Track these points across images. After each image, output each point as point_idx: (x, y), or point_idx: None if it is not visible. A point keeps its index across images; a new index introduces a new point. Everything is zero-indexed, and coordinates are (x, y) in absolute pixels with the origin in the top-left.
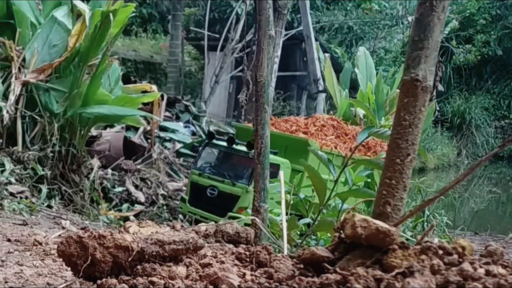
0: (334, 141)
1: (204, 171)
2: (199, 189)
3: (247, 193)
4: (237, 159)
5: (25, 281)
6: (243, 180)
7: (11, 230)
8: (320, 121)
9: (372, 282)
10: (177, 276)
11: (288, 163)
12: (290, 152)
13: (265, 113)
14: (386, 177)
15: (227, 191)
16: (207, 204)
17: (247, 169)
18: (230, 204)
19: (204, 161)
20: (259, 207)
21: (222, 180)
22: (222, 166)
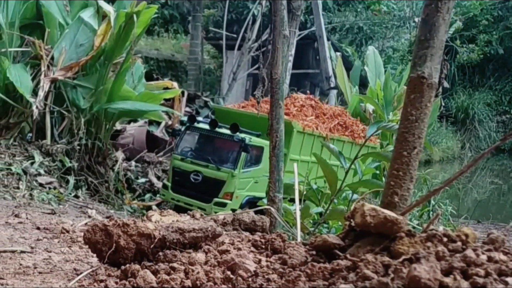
0: (315, 122)
1: (186, 156)
2: (182, 174)
3: (233, 177)
4: (221, 142)
5: (53, 267)
6: (228, 164)
7: (40, 219)
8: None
9: (381, 268)
10: (196, 262)
11: None
12: None
13: (280, 109)
14: (394, 169)
15: (211, 176)
16: (191, 190)
17: (231, 153)
18: (215, 189)
19: (186, 145)
20: (274, 197)
21: (206, 165)
22: (206, 150)
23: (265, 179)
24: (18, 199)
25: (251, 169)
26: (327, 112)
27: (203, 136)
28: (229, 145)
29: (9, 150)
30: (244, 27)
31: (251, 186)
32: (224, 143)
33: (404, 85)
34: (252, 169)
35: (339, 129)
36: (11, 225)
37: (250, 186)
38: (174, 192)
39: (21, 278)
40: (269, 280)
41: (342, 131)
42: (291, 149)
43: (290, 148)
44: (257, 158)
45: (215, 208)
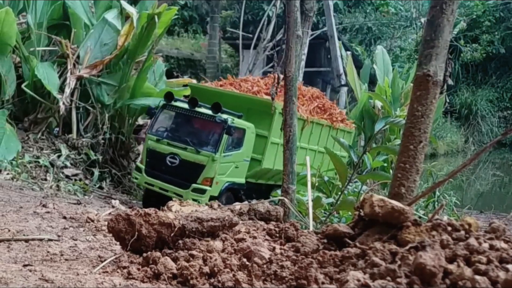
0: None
1: (162, 137)
2: (157, 157)
3: (213, 162)
4: (201, 123)
5: (78, 254)
6: (208, 147)
7: (66, 209)
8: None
9: (388, 255)
10: (214, 250)
11: (253, 127)
12: (253, 115)
13: (293, 105)
14: (401, 162)
15: (190, 160)
16: (166, 174)
17: (212, 135)
18: (194, 174)
19: (163, 125)
20: (287, 188)
21: (184, 147)
22: (184, 131)
23: (245, 163)
24: (45, 190)
25: (232, 153)
26: (306, 94)
27: (181, 115)
28: (210, 126)
29: (37, 144)
30: (260, 27)
31: (232, 172)
32: (205, 124)
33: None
34: (233, 153)
35: (318, 111)
36: (39, 215)
37: (230, 172)
38: (148, 175)
39: (49, 265)
40: (283, 267)
41: (321, 114)
42: (273, 131)
43: (272, 131)
44: (239, 141)
45: (192, 195)
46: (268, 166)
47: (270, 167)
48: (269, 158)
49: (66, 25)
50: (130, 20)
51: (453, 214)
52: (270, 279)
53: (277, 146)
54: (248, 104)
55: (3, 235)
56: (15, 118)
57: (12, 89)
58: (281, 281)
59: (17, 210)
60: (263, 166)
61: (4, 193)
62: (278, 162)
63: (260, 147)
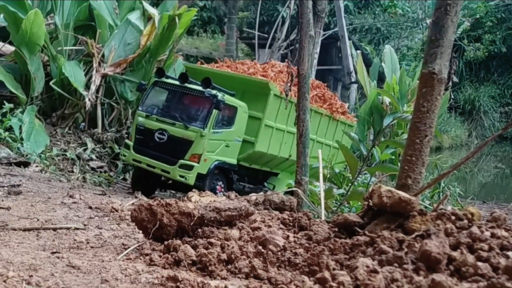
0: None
1: (152, 113)
2: (145, 133)
3: (202, 137)
4: (191, 99)
5: (103, 242)
6: (197, 123)
7: (92, 199)
8: (277, 67)
9: (395, 243)
10: (231, 238)
11: (245, 107)
12: (248, 96)
13: (306, 101)
14: (408, 155)
15: (178, 135)
16: (154, 151)
17: (202, 111)
18: (182, 150)
19: (153, 101)
20: (301, 179)
21: (172, 123)
22: (174, 107)
23: (236, 143)
24: (72, 182)
25: (222, 130)
26: None
27: (172, 92)
28: (199, 101)
29: (65, 138)
30: (274, 28)
31: (222, 150)
32: (194, 100)
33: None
34: (224, 131)
35: (317, 100)
36: (66, 205)
37: (220, 150)
38: (136, 152)
39: (75, 252)
40: (296, 254)
41: (320, 103)
42: (267, 113)
43: (266, 113)
44: (230, 119)
45: (179, 171)
46: (261, 149)
47: (264, 151)
48: (263, 141)
49: (92, 25)
50: (152, 21)
51: (457, 204)
52: (284, 265)
53: (272, 129)
54: (243, 85)
55: (33, 224)
56: (44, 113)
57: (40, 86)
58: (294, 267)
59: (45, 200)
60: (256, 149)
61: (33, 185)
62: (273, 146)
63: (253, 129)
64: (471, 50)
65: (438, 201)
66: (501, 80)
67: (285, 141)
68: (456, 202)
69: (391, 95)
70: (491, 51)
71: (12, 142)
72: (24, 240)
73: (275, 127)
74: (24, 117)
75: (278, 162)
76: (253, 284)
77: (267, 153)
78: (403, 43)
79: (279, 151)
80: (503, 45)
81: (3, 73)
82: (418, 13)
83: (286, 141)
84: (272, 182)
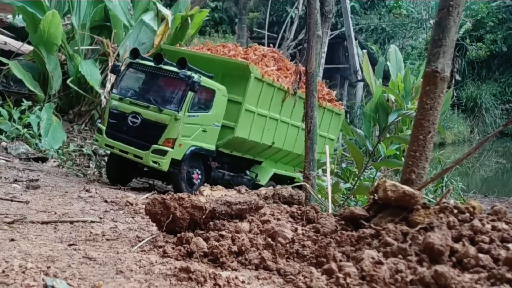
0: (276, 73)
1: (125, 96)
2: (118, 117)
3: (176, 121)
4: (165, 81)
5: (118, 234)
6: (171, 106)
7: (107, 193)
8: (260, 50)
9: (400, 235)
10: (242, 231)
11: (224, 90)
12: (227, 79)
13: (314, 98)
14: (411, 150)
15: (152, 119)
16: (127, 135)
17: (176, 93)
18: (155, 135)
19: (127, 84)
20: (309, 174)
21: (146, 106)
22: (148, 89)
23: (215, 128)
24: (88, 176)
25: (199, 114)
26: (290, 68)
27: (147, 73)
28: (174, 83)
29: (81, 134)
30: (283, 28)
31: (198, 135)
32: (169, 82)
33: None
34: (200, 115)
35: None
36: (82, 199)
37: (197, 135)
38: (109, 137)
39: (91, 244)
40: (304, 246)
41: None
42: (247, 97)
43: (246, 97)
44: (207, 103)
45: (153, 157)
46: (242, 135)
47: (245, 137)
48: (243, 126)
49: (107, 26)
50: (165, 22)
51: (459, 198)
52: (293, 257)
53: (253, 114)
54: (223, 68)
55: (50, 217)
56: (61, 110)
57: (58, 85)
58: (302, 259)
59: (62, 194)
60: (236, 135)
61: (51, 179)
62: (254, 133)
63: (233, 114)
64: (473, 50)
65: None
66: (502, 78)
67: (267, 127)
68: (458, 196)
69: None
70: (493, 50)
71: (30, 138)
72: (42, 232)
73: (256, 112)
74: (42, 114)
75: (261, 149)
76: (263, 275)
77: (248, 140)
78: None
79: (261, 138)
80: (504, 45)
81: (22, 72)
82: (422, 14)
83: (269, 128)
84: (254, 171)
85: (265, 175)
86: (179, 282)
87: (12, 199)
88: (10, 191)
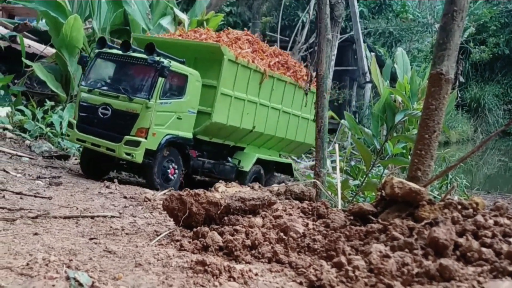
0: (251, 55)
1: (95, 87)
2: (89, 109)
3: (147, 109)
4: (134, 69)
5: (137, 229)
6: (141, 94)
7: (126, 190)
8: (234, 34)
9: (406, 230)
10: (255, 225)
11: (198, 75)
12: (200, 64)
13: (324, 99)
14: (417, 149)
15: (122, 109)
16: (99, 128)
17: (146, 80)
18: (127, 125)
19: (96, 75)
20: (319, 171)
21: (116, 96)
22: (117, 79)
23: (190, 115)
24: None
25: (172, 101)
26: (266, 50)
27: (115, 62)
28: (143, 70)
29: None
30: (295, 31)
31: (173, 123)
32: (139, 69)
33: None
34: (174, 101)
35: (279, 68)
36: (103, 195)
37: (171, 123)
38: (80, 131)
39: (111, 238)
40: (315, 240)
41: (283, 70)
42: (222, 81)
43: (221, 80)
44: (180, 89)
45: (125, 148)
46: (220, 120)
47: (223, 122)
48: (220, 111)
49: (127, 29)
50: (182, 25)
51: (463, 194)
52: (304, 250)
53: (230, 98)
54: (195, 53)
55: (72, 213)
56: None
57: None
58: (313, 252)
59: (84, 191)
60: (214, 120)
61: (72, 176)
62: (233, 117)
63: (209, 99)
64: (477, 52)
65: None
66: (505, 80)
67: (246, 111)
68: (462, 192)
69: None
70: (495, 53)
71: (53, 137)
72: (64, 227)
73: (233, 96)
74: (64, 114)
75: (242, 134)
76: (275, 267)
77: (227, 125)
78: (414, 46)
79: (241, 123)
80: (507, 48)
81: (45, 73)
82: (427, 18)
83: (248, 112)
84: (237, 157)
85: (248, 161)
86: (195, 275)
87: (35, 195)
88: (34, 187)
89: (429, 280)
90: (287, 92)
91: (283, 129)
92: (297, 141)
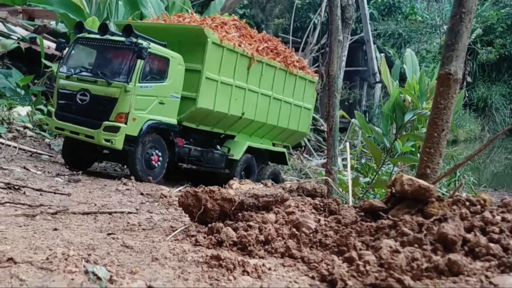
0: (238, 39)
1: (73, 73)
2: (67, 96)
3: (126, 93)
4: (113, 52)
5: (154, 225)
6: (120, 77)
7: (143, 186)
8: (220, 19)
9: (416, 226)
10: (268, 221)
11: (180, 59)
12: (184, 48)
13: (335, 98)
14: (426, 147)
15: (101, 94)
16: (77, 115)
17: (124, 63)
18: (106, 110)
19: (75, 60)
20: (330, 169)
21: (94, 81)
22: (96, 63)
23: (174, 100)
24: (126, 171)
25: (153, 84)
26: (254, 35)
27: (93, 47)
28: (121, 53)
29: None
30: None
31: (155, 108)
32: (117, 53)
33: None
34: (155, 85)
35: (268, 53)
36: (120, 191)
37: (153, 108)
38: (58, 119)
39: (128, 233)
40: (327, 235)
41: (272, 55)
42: (207, 64)
43: (205, 64)
44: (161, 72)
45: (104, 135)
46: (206, 106)
47: (210, 108)
48: (206, 96)
49: None
50: None
51: (471, 191)
52: (316, 246)
53: (216, 83)
54: (179, 36)
55: (91, 209)
56: None
57: None
58: (325, 247)
59: (102, 187)
60: (199, 106)
61: (90, 173)
62: (220, 103)
63: (194, 84)
64: (484, 53)
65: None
66: (511, 80)
67: (234, 97)
68: (470, 189)
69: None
70: (502, 54)
71: None
72: (83, 222)
73: (219, 81)
74: None
75: (231, 122)
76: (288, 262)
77: (214, 111)
78: (423, 47)
79: (229, 109)
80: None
81: None
82: (436, 20)
83: (237, 97)
84: (227, 145)
85: (238, 149)
86: (210, 269)
87: (55, 191)
88: (53, 184)
89: (438, 275)
90: (277, 78)
91: (274, 116)
92: (290, 129)
